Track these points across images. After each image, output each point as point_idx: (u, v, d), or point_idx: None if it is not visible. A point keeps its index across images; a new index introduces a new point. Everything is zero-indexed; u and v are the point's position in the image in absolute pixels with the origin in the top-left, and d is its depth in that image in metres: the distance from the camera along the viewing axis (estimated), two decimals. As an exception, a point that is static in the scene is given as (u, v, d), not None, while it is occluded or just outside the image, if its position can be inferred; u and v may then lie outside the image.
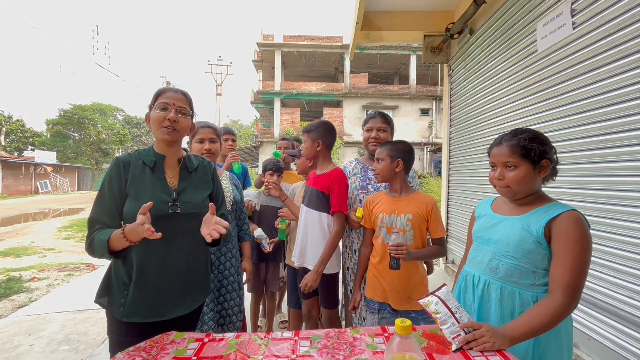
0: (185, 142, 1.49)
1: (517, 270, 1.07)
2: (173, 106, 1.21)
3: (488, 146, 1.19)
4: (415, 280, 1.59)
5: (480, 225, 1.23)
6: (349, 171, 1.99)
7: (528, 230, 1.05)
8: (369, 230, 1.71)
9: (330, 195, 1.81)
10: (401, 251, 1.44)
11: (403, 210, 1.58)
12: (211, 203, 1.15)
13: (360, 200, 1.88)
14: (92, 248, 1.11)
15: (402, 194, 1.64)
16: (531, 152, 1.05)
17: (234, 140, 2.58)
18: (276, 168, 2.45)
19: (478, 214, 1.28)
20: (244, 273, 2.07)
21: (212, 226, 1.09)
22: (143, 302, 1.17)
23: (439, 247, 1.60)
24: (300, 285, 1.77)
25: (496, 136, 1.17)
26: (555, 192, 2.09)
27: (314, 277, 1.74)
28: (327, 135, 1.87)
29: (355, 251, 1.89)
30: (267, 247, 2.37)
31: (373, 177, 1.90)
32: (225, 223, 1.08)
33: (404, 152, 1.63)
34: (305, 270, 1.87)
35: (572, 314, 1.98)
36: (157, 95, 1.25)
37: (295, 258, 1.92)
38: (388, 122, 1.93)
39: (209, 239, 1.08)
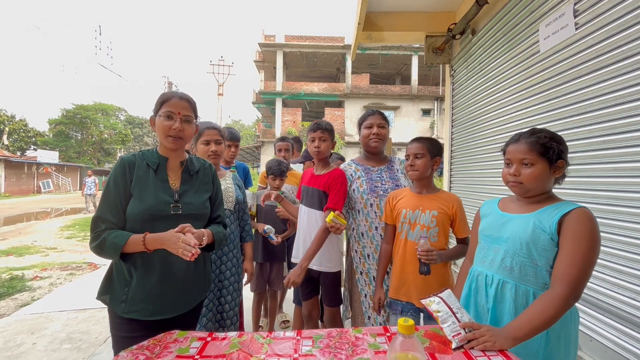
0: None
1: (532, 268, 1.06)
2: (178, 115, 1.23)
3: (490, 147, 1.19)
4: (441, 278, 1.58)
5: (487, 224, 1.21)
6: (351, 174, 1.94)
7: (541, 227, 1.04)
8: (391, 227, 1.69)
9: (328, 193, 1.81)
10: (431, 256, 1.44)
11: (428, 206, 1.58)
12: (182, 225, 1.15)
13: (371, 205, 1.84)
14: (102, 248, 1.13)
15: (427, 191, 1.64)
16: (550, 150, 1.05)
17: (236, 147, 2.53)
18: (279, 172, 2.44)
19: (484, 213, 1.27)
20: (245, 274, 2.07)
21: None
22: (144, 300, 1.19)
23: (464, 246, 1.57)
24: (284, 282, 1.76)
25: (498, 137, 1.17)
26: (558, 192, 2.08)
27: (297, 272, 1.71)
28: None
29: (368, 256, 1.84)
30: (275, 239, 2.35)
31: (378, 178, 1.88)
32: (189, 242, 1.08)
33: (441, 150, 1.65)
34: (309, 271, 1.88)
35: (574, 315, 1.96)
36: (162, 102, 1.25)
37: (297, 259, 1.91)
38: (386, 119, 1.92)
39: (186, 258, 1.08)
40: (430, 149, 1.60)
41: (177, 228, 1.12)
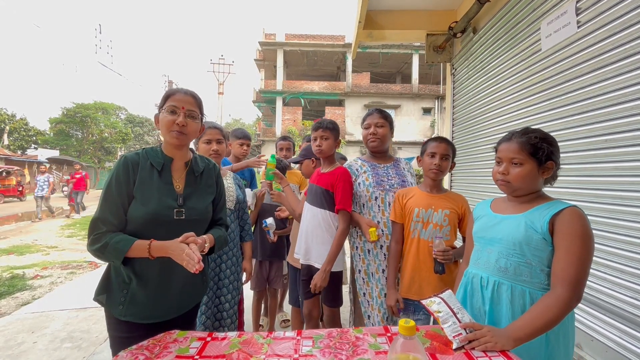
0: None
1: (526, 268, 1.06)
2: (182, 109, 1.19)
3: (491, 145, 1.19)
4: (455, 275, 1.59)
5: (480, 225, 1.22)
6: (357, 169, 1.94)
7: (532, 226, 1.04)
8: (399, 225, 1.69)
9: (334, 194, 1.82)
10: (447, 256, 1.48)
11: (440, 205, 1.60)
12: (186, 234, 1.11)
13: (376, 198, 1.83)
14: (103, 252, 1.10)
15: (437, 191, 1.66)
16: (539, 151, 1.06)
17: (248, 145, 2.61)
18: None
19: (477, 215, 1.27)
20: (244, 273, 2.08)
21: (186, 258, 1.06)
22: (141, 303, 1.17)
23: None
24: (310, 287, 1.77)
25: (499, 135, 1.17)
26: (559, 192, 2.08)
27: (322, 276, 1.74)
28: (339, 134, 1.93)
29: (368, 251, 1.84)
30: (272, 237, 2.40)
31: (384, 174, 1.89)
32: (194, 257, 1.04)
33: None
34: (309, 268, 1.88)
35: (576, 315, 1.97)
36: (167, 97, 1.22)
37: (300, 256, 1.92)
38: (385, 117, 1.90)
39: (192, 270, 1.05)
40: (453, 152, 1.65)
41: (181, 238, 1.08)
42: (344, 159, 2.92)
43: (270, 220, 2.36)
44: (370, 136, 1.87)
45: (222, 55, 21.65)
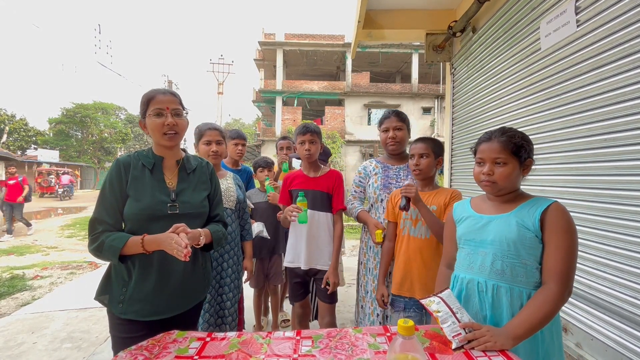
0: (190, 143, 1.51)
1: (522, 268, 1.06)
2: (167, 110, 1.20)
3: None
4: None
5: (466, 227, 1.19)
6: (370, 170, 2.00)
7: (524, 225, 1.05)
8: (393, 224, 1.72)
9: (333, 195, 1.91)
10: (410, 190, 1.52)
11: (429, 202, 1.61)
12: (176, 225, 1.14)
13: (382, 200, 1.89)
14: (100, 251, 1.13)
15: (429, 189, 1.68)
16: (521, 149, 1.07)
17: (243, 145, 2.60)
18: (265, 164, 2.61)
19: (459, 217, 1.25)
20: (245, 272, 2.11)
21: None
22: (142, 300, 1.18)
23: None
24: (323, 286, 1.85)
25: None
26: (559, 191, 2.08)
27: (335, 273, 1.84)
28: None
29: (370, 248, 1.92)
30: (267, 235, 2.46)
31: (394, 176, 1.93)
32: (181, 243, 1.07)
33: (443, 150, 1.69)
34: (304, 271, 1.92)
35: (575, 314, 1.97)
36: (148, 101, 1.21)
37: (295, 263, 1.94)
38: (403, 119, 1.96)
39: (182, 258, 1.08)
40: (434, 149, 1.64)
41: (171, 228, 1.12)
42: (327, 151, 2.96)
43: (255, 228, 2.37)
44: (389, 140, 1.92)
45: (221, 55, 21.61)
